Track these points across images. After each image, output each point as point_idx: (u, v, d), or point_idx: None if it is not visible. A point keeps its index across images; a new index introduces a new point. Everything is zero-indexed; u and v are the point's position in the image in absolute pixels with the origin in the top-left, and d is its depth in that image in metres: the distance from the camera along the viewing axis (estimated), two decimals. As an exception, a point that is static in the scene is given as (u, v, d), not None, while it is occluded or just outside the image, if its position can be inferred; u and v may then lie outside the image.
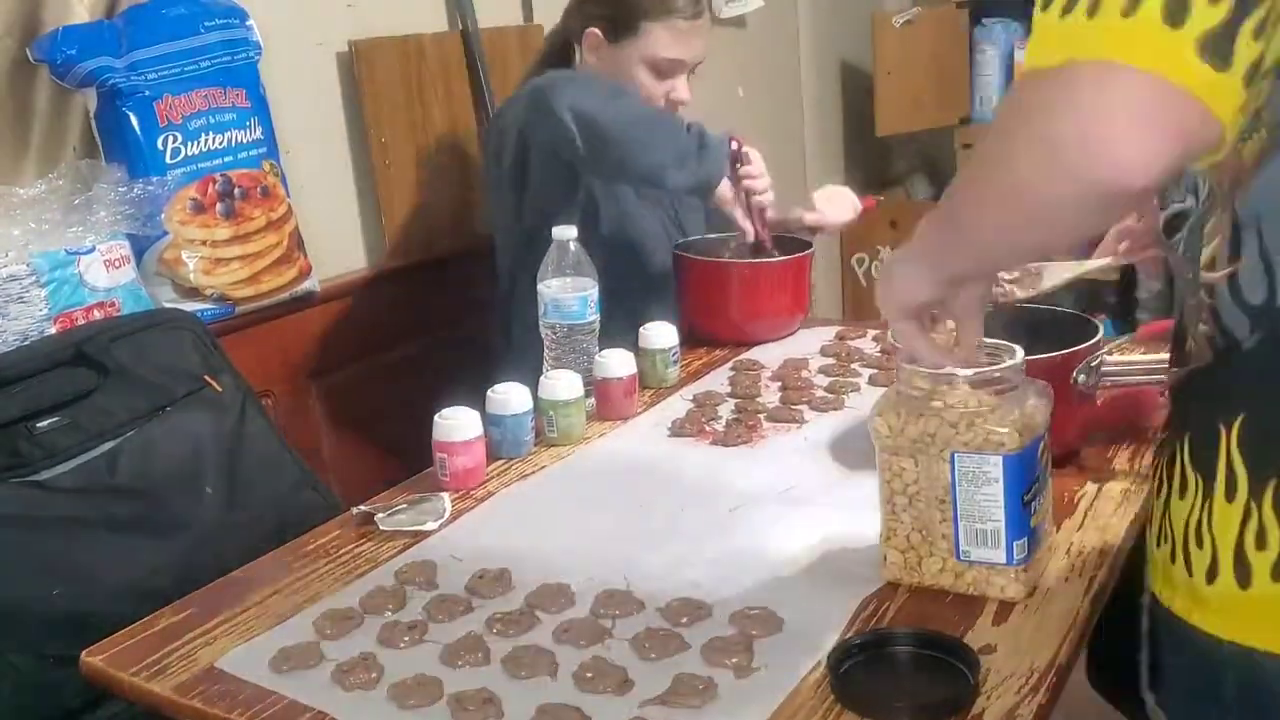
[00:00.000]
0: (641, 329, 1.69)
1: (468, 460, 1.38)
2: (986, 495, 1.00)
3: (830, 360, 1.76)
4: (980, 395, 1.00)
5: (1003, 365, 1.02)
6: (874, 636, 0.99)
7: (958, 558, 1.04)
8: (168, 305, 1.61)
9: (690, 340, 1.87)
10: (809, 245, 1.89)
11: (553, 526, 1.27)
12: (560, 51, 1.90)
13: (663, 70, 1.76)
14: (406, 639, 1.05)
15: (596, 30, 1.77)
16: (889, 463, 1.05)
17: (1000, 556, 1.02)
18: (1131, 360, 1.47)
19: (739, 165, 1.71)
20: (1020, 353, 1.04)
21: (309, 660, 1.03)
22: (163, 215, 1.60)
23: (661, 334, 1.68)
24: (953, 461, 1.00)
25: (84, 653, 1.10)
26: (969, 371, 1.00)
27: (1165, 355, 1.18)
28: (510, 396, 1.46)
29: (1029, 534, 1.03)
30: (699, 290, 1.86)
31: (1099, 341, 1.29)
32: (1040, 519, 1.06)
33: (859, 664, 0.96)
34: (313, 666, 1.02)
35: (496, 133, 1.81)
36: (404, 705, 0.96)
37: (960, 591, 1.05)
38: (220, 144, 1.66)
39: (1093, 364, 1.25)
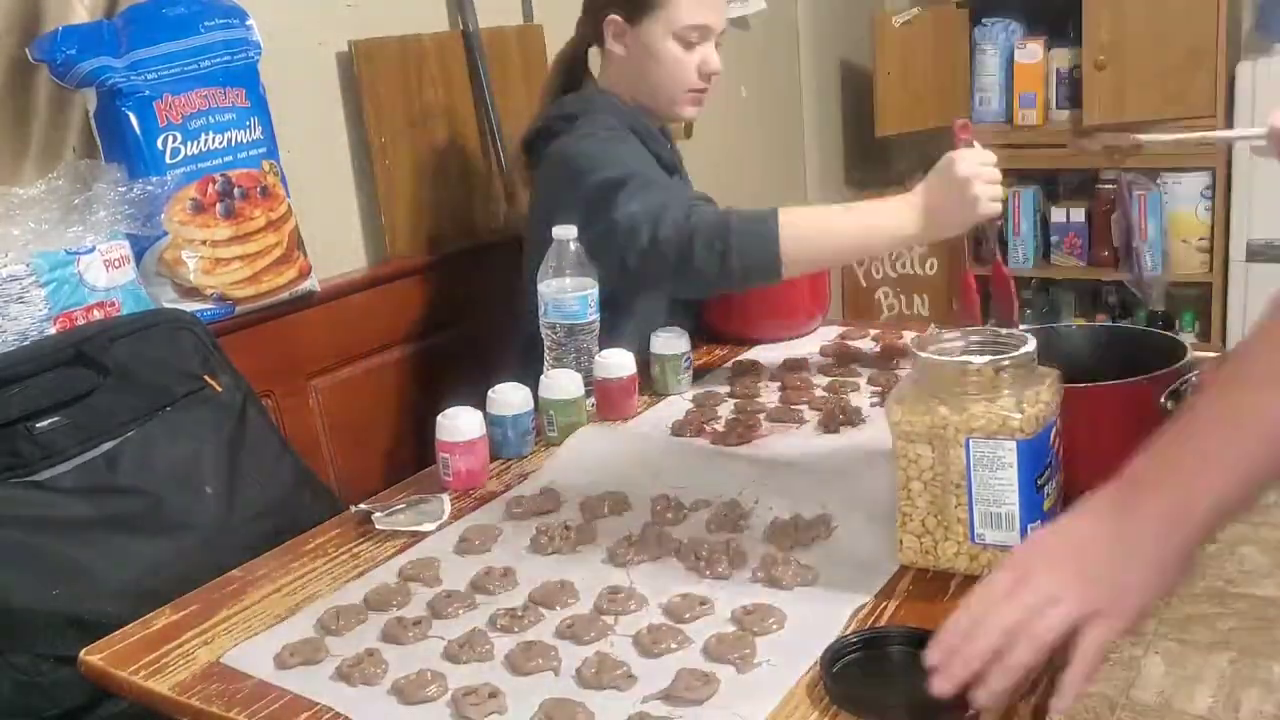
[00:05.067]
0: (653, 335, 1.67)
1: (471, 460, 1.38)
2: (1000, 479, 1.03)
3: (830, 360, 1.75)
4: (995, 383, 1.03)
5: (1014, 354, 1.04)
6: (868, 636, 0.99)
7: (972, 540, 1.06)
8: (168, 305, 1.61)
9: (709, 340, 1.87)
10: None
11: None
12: (573, 65, 1.87)
13: (690, 41, 1.74)
14: (410, 635, 1.05)
15: (616, 16, 1.75)
16: (905, 450, 1.07)
17: (1014, 539, 1.04)
18: None
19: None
20: (1032, 341, 1.05)
21: (313, 656, 1.03)
22: (163, 215, 1.59)
23: (673, 340, 1.66)
24: (968, 447, 1.03)
25: (83, 652, 1.10)
26: (982, 359, 1.03)
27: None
28: (510, 396, 1.46)
29: (1042, 517, 1.05)
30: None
31: (1185, 365, 1.19)
32: (1053, 503, 1.07)
33: (854, 663, 0.96)
34: (317, 662, 1.03)
35: (557, 162, 1.72)
36: (408, 700, 0.96)
37: (975, 574, 1.08)
38: (220, 144, 1.65)
39: (1180, 389, 1.17)
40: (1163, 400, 1.15)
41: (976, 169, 1.55)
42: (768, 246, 1.48)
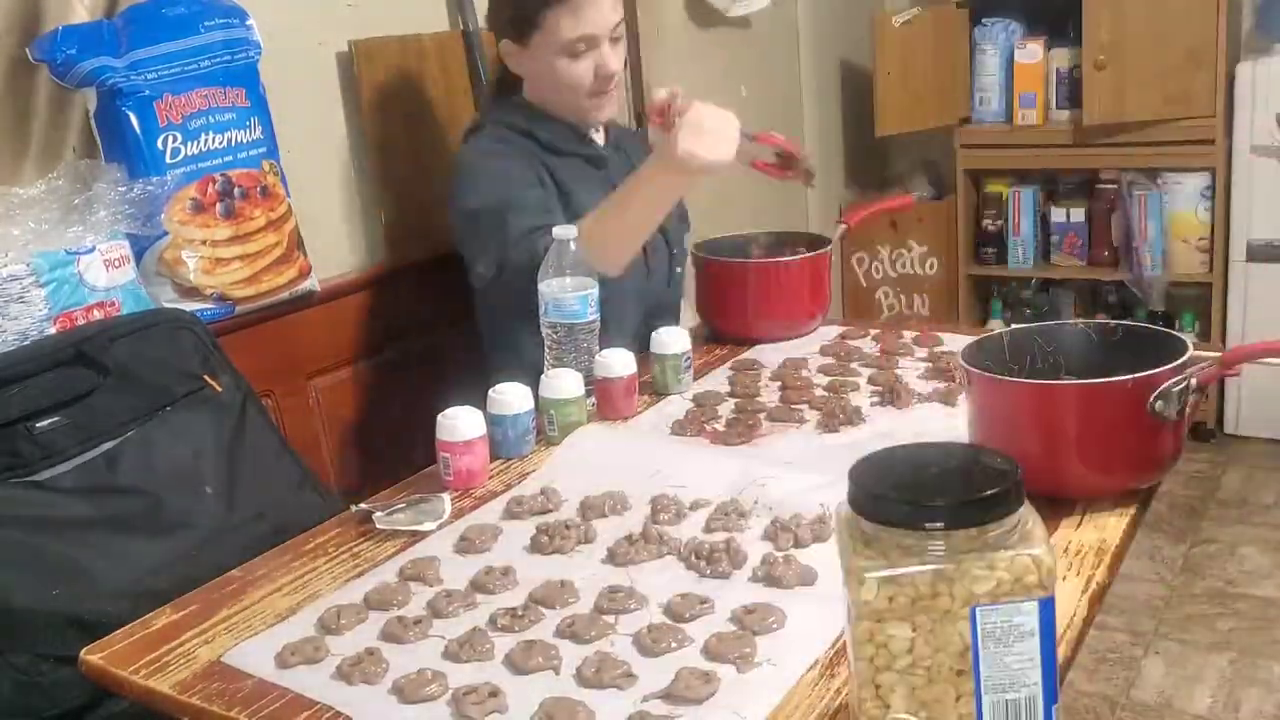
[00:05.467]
0: (654, 334, 1.67)
1: (471, 460, 1.38)
2: (1019, 655, 0.78)
3: (830, 360, 1.75)
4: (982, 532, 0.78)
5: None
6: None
7: None
8: (168, 305, 1.61)
9: (710, 340, 1.87)
10: (828, 243, 1.89)
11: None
12: (504, 81, 1.89)
13: (577, 52, 1.75)
14: (411, 634, 1.05)
15: (507, 39, 1.78)
16: (870, 632, 0.79)
17: None
18: None
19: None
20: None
21: (314, 655, 1.03)
22: (163, 215, 1.59)
23: (673, 339, 1.65)
24: (973, 618, 0.77)
25: (83, 652, 1.10)
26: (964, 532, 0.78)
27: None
28: (511, 396, 1.46)
29: (1056, 694, 0.80)
30: (719, 291, 1.86)
31: (1183, 364, 1.14)
32: None
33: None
34: (318, 661, 1.03)
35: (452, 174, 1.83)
36: (408, 699, 0.96)
37: None
38: (220, 144, 1.65)
39: (1174, 389, 1.12)
40: (1151, 401, 1.14)
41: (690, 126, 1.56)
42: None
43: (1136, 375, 1.14)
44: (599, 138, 1.89)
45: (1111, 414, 1.15)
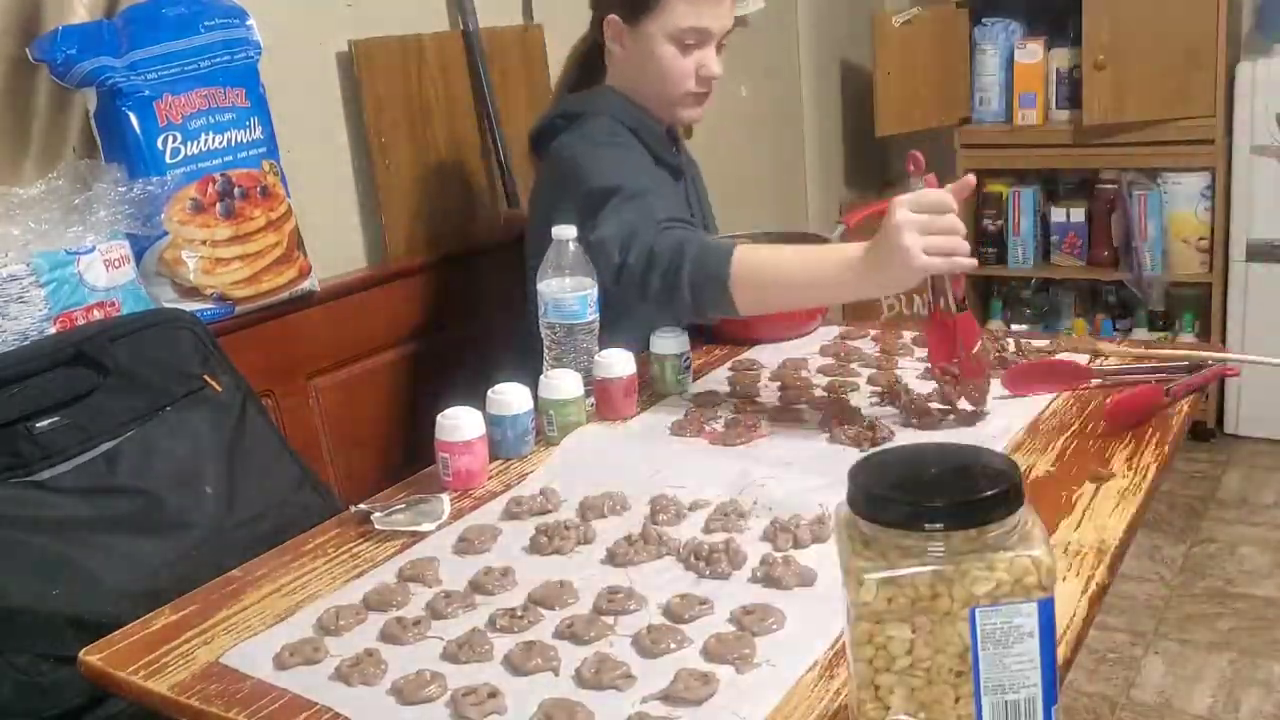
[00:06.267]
0: (653, 335, 1.67)
1: (470, 460, 1.38)
2: (1018, 656, 0.77)
3: (830, 360, 1.76)
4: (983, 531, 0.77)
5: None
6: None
7: None
8: (168, 305, 1.61)
9: (711, 340, 1.87)
10: (827, 243, 1.89)
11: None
12: (587, 60, 1.88)
13: (687, 44, 1.73)
14: (410, 635, 1.05)
15: (614, 17, 1.75)
16: (869, 633, 0.79)
17: None
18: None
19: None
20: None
21: (313, 656, 1.03)
22: (162, 215, 1.59)
23: (673, 339, 1.65)
24: (973, 619, 0.77)
25: (83, 652, 1.10)
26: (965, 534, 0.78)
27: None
28: (510, 396, 1.46)
29: (1055, 695, 0.80)
30: None
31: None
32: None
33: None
34: (317, 662, 1.03)
35: (557, 161, 1.73)
36: (407, 700, 0.96)
37: None
38: (220, 144, 1.66)
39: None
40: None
41: (910, 217, 1.31)
42: (719, 283, 1.46)
43: None
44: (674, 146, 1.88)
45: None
